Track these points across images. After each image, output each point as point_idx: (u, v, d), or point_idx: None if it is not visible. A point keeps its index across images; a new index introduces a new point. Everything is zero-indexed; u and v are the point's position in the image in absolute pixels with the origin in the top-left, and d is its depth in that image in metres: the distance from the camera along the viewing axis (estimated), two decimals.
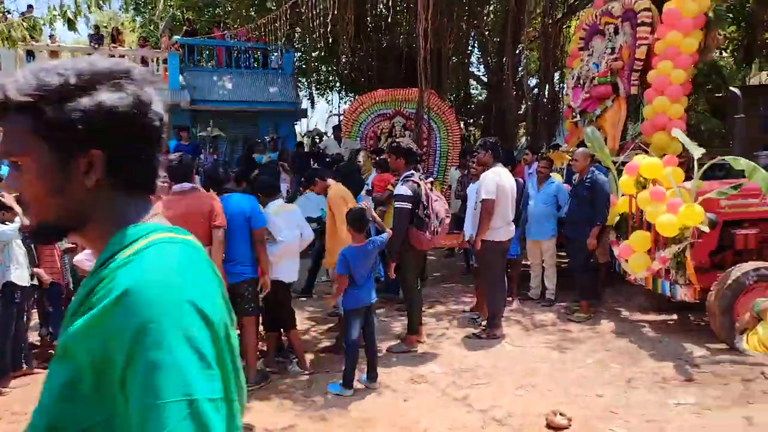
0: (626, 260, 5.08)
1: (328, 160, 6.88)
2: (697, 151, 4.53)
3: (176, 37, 13.88)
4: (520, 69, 14.66)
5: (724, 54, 12.41)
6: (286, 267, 4.17)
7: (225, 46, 14.23)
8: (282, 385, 4.18)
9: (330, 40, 14.48)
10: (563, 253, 6.41)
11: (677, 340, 4.71)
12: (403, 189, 4.54)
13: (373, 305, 4.09)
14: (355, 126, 10.66)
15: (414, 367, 4.43)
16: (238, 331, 4.14)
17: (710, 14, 5.57)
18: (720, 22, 5.67)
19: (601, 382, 4.01)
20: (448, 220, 4.59)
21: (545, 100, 11.00)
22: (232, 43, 14.15)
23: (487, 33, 15.10)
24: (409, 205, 4.48)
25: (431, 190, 4.70)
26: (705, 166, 4.54)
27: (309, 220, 4.97)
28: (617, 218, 5.47)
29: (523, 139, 14.58)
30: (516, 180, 6.20)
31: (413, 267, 4.71)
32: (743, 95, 11.16)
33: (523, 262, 6.68)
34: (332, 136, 11.01)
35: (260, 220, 3.90)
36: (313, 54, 18.41)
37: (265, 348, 4.54)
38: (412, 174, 4.71)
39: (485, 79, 15.42)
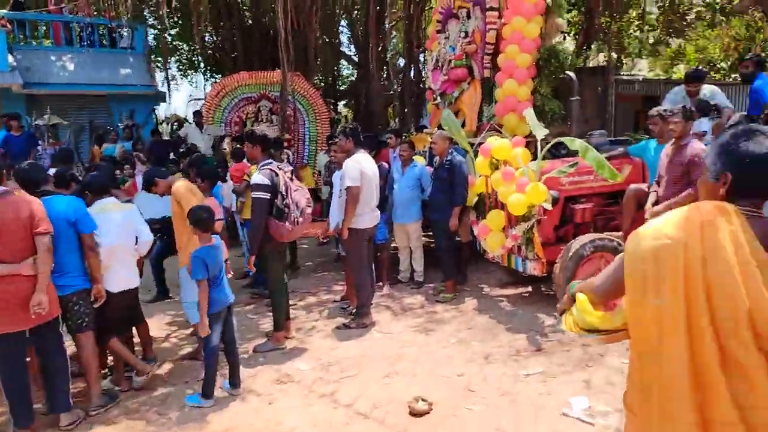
0: (484, 239, 5.30)
1: (181, 150, 6.39)
2: (540, 132, 4.81)
3: (1, 11, 12.08)
4: (389, 50, 14.83)
5: (568, 38, 13.49)
6: (114, 275, 3.76)
7: (63, 21, 12.66)
8: (133, 404, 3.81)
9: (184, 15, 13.54)
10: (431, 234, 6.59)
11: (531, 311, 5.04)
12: (259, 178, 4.31)
13: (232, 305, 3.86)
14: (218, 111, 10.07)
15: (281, 365, 4.28)
16: (74, 348, 3.69)
17: (549, 1, 5.92)
18: (558, 9, 6.03)
19: (462, 360, 4.16)
20: (309, 210, 4.44)
21: (411, 82, 11.18)
22: (71, 17, 12.59)
23: (355, 13, 15.02)
24: (266, 195, 4.27)
25: (291, 179, 4.52)
26: (546, 147, 4.84)
27: (153, 221, 4.56)
28: (476, 199, 5.69)
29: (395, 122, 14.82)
30: (381, 165, 6.24)
31: (275, 259, 4.51)
32: (583, 77, 12.24)
33: (393, 246, 6.78)
34: (193, 123, 10.31)
35: (88, 224, 3.46)
36: (171, 32, 17.12)
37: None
38: (270, 162, 4.49)
39: (357, 60, 15.41)
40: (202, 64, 18.03)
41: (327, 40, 14.24)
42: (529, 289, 5.75)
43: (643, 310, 1.48)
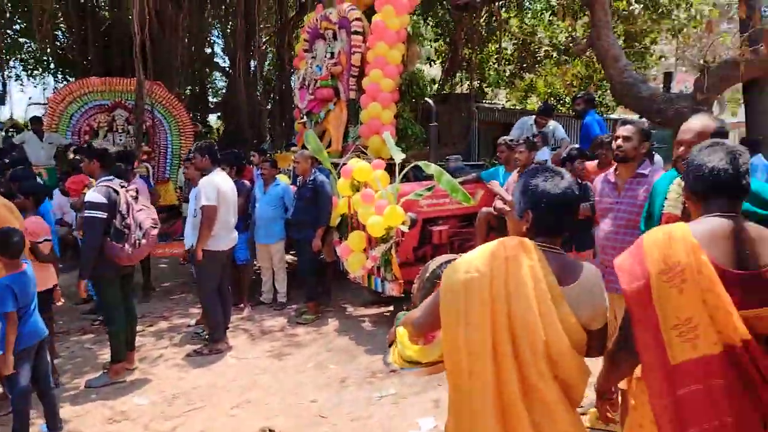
0: (346, 259, 5.29)
1: (5, 161, 5.62)
2: (398, 155, 4.94)
3: None
4: (266, 65, 14.53)
5: (435, 65, 14.25)
6: None
7: None
8: None
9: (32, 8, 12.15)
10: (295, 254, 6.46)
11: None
12: (93, 196, 3.90)
13: (46, 338, 3.40)
14: (64, 118, 9.10)
15: (116, 401, 3.87)
16: None
17: (409, 30, 6.16)
18: (418, 39, 6.29)
19: (317, 385, 4.06)
20: (155, 231, 4.10)
21: (282, 99, 11.02)
22: None
23: (229, 24, 14.54)
24: (101, 214, 3.86)
25: (135, 197, 4.16)
26: (404, 170, 4.98)
27: None
28: (339, 219, 5.69)
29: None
30: (242, 183, 6.01)
31: (112, 285, 4.08)
32: (451, 103, 12.95)
33: (256, 267, 6.54)
34: (31, 129, 9.18)
35: None
36: (16, 26, 15.33)
37: None
38: (111, 179, 4.09)
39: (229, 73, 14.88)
40: (52, 66, 16.28)
41: (194, 49, 13.60)
42: (391, 308, 5.84)
43: (456, 342, 1.51)
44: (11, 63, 17.42)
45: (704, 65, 6.46)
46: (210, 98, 20.60)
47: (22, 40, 16.47)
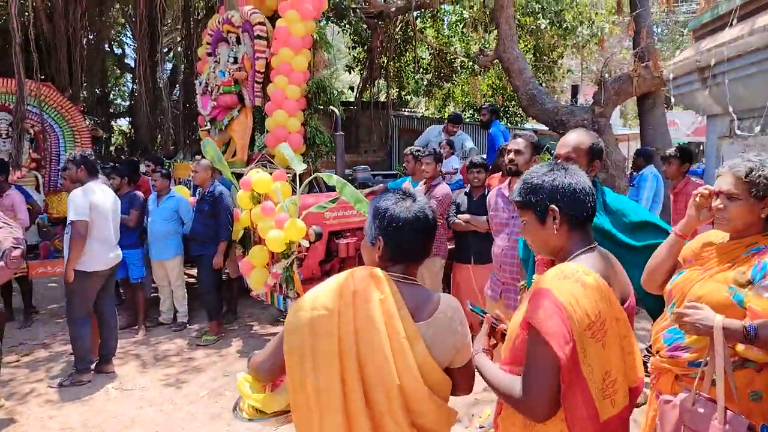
0: (248, 276, 5.00)
1: None
2: (299, 166, 4.72)
3: None
4: (169, 68, 13.77)
5: (353, 72, 14.16)
6: None
7: None
8: None
9: None
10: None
11: None
12: None
13: None
14: None
15: None
16: None
17: (316, 36, 5.97)
18: (325, 45, 6.12)
19: (207, 417, 3.75)
20: (18, 252, 3.62)
21: (187, 105, 10.47)
22: None
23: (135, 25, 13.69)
24: None
25: None
26: (306, 182, 4.76)
27: None
28: (241, 232, 5.38)
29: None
30: (134, 194, 5.56)
31: None
32: (370, 111, 12.87)
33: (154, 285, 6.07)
34: None
35: None
36: None
37: None
38: None
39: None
40: None
41: (97, 48, 12.70)
42: None
43: (303, 390, 1.32)
44: None
45: (602, 79, 6.74)
46: (120, 101, 19.45)
47: None
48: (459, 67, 13.70)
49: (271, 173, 4.90)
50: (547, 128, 7.33)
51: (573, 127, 6.71)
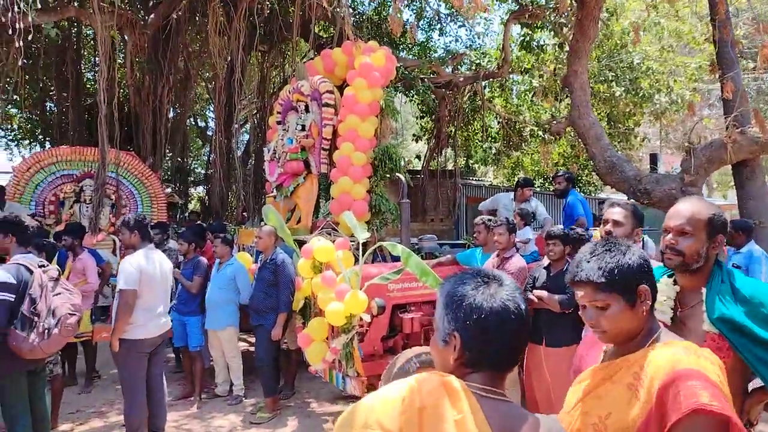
0: (306, 349, 4.70)
1: None
2: (362, 234, 4.49)
3: None
4: (244, 139, 14.45)
5: (421, 141, 14.21)
6: None
7: None
8: None
9: (26, 81, 12.14)
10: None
11: None
12: (1, 274, 3.37)
13: None
14: (28, 188, 8.69)
15: None
16: None
17: (382, 103, 5.93)
18: (392, 112, 6.05)
19: None
20: (74, 319, 3.53)
21: (257, 173, 10.75)
22: None
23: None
24: (9, 296, 3.32)
25: (56, 278, 3.62)
26: (369, 251, 4.51)
27: None
28: (302, 302, 5.15)
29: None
30: (199, 260, 5.52)
31: (15, 383, 3.45)
32: (437, 179, 12.74)
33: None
34: None
35: None
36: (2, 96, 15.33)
37: None
38: (28, 255, 3.58)
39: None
40: (41, 135, 16.15)
41: (180, 121, 13.51)
42: None
43: None
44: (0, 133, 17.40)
45: (690, 146, 6.22)
46: (200, 170, 20.55)
47: (13, 110, 16.52)
48: (528, 136, 13.43)
49: (333, 241, 4.70)
50: (628, 198, 6.80)
51: (659, 197, 6.19)
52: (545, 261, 4.29)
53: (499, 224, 4.29)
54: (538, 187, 13.91)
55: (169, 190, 12.20)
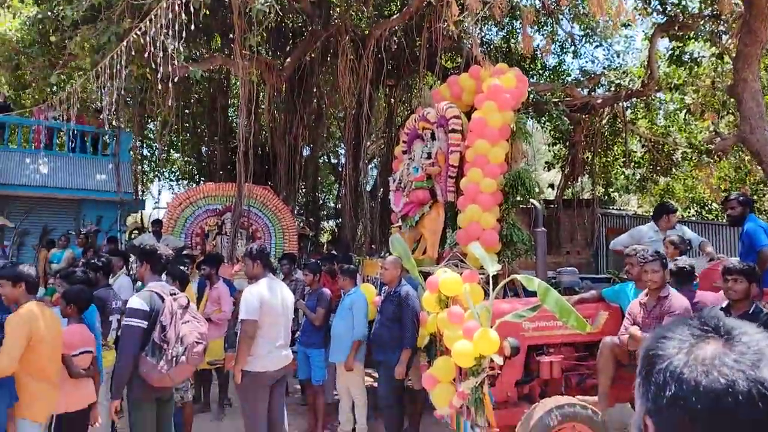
0: (431, 391, 4.33)
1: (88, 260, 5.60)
2: (492, 267, 4.05)
3: None
4: (372, 171, 14.71)
5: (554, 170, 13.36)
6: None
7: (48, 126, 12.59)
8: None
9: (184, 129, 13.64)
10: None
11: None
12: (135, 301, 3.47)
13: None
14: (180, 221, 9.50)
15: None
16: None
17: (513, 127, 5.50)
18: (523, 135, 5.59)
19: None
20: (200, 348, 3.53)
21: (382, 204, 10.75)
22: (55, 124, 12.53)
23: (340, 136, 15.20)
24: (141, 323, 3.40)
25: (185, 306, 3.67)
26: (500, 285, 4.05)
27: None
28: (427, 339, 4.80)
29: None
30: (322, 291, 5.44)
31: (142, 409, 3.49)
32: (573, 209, 11.81)
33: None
34: (151, 232, 9.70)
35: None
36: (161, 143, 17.39)
37: None
38: (162, 283, 3.69)
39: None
40: (196, 175, 18.01)
41: (310, 156, 14.17)
42: None
43: None
44: (165, 174, 19.79)
45: None
46: (331, 204, 21.47)
47: (176, 155, 18.72)
48: (680, 159, 12.00)
49: (461, 273, 4.32)
50: None
51: None
52: (722, 301, 3.52)
53: (652, 259, 3.61)
54: (693, 215, 12.30)
55: (300, 223, 12.73)
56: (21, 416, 3.20)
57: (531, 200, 5.13)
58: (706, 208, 12.92)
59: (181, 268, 4.61)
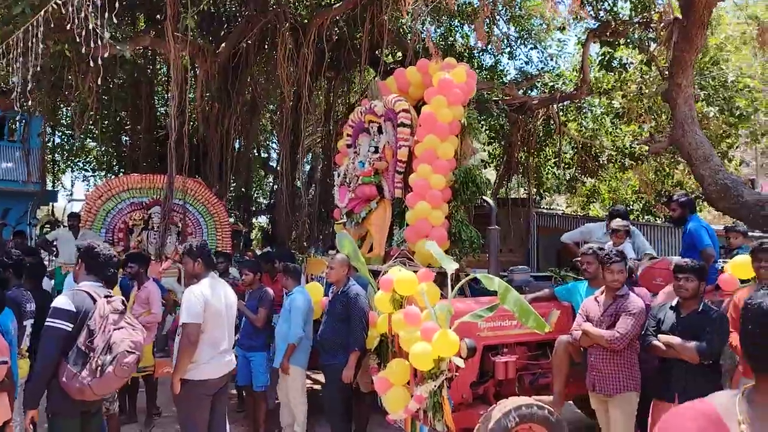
0: (383, 395, 4.15)
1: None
2: (450, 265, 3.93)
3: None
4: (309, 166, 14.34)
5: (489, 168, 13.59)
6: None
7: None
8: None
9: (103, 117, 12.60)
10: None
11: None
12: (62, 300, 3.05)
13: None
14: (99, 215, 8.72)
15: None
16: None
17: (464, 122, 5.42)
18: (473, 131, 5.53)
19: None
20: (132, 358, 3.12)
21: (323, 200, 10.45)
22: None
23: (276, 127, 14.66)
24: (66, 325, 2.98)
25: (121, 311, 3.25)
26: (459, 284, 3.93)
27: None
28: (377, 340, 4.61)
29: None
30: (264, 290, 5.12)
31: (66, 425, 3.06)
32: (507, 208, 12.05)
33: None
34: (67, 226, 8.87)
35: None
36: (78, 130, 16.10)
37: None
38: (97, 284, 3.26)
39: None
40: (116, 165, 16.77)
41: (245, 150, 13.56)
42: None
43: None
44: (80, 164, 18.28)
45: None
46: (262, 200, 20.77)
47: (92, 144, 17.32)
48: (606, 162, 12.55)
49: (415, 272, 4.17)
50: (745, 225, 5.90)
51: None
52: (672, 299, 3.58)
53: (618, 260, 3.63)
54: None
55: (232, 219, 12.16)
56: None
57: (483, 198, 5.07)
58: (629, 209, 13.60)
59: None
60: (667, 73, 9.37)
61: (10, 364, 3.26)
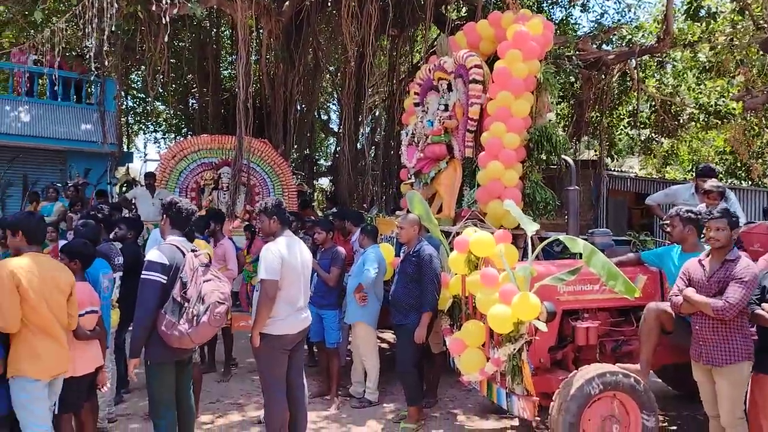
0: (458, 356, 4.11)
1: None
2: (530, 226, 3.78)
3: None
4: (371, 125, 14.23)
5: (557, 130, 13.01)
6: None
7: (30, 72, 11.80)
8: None
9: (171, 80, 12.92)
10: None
11: None
12: (155, 254, 3.17)
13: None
14: (173, 175, 9.04)
15: None
16: None
17: (540, 77, 5.13)
18: (550, 87, 5.24)
19: None
20: (223, 308, 3.21)
21: (386, 161, 10.36)
22: (35, 69, 11.75)
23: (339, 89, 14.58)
24: (161, 278, 3.11)
25: (207, 264, 3.34)
26: (540, 245, 3.78)
27: None
28: (450, 302, 4.55)
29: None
30: (336, 250, 5.14)
31: (162, 371, 3.23)
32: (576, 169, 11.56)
33: None
34: (144, 185, 9.25)
35: None
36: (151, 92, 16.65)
37: None
38: (182, 238, 3.36)
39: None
40: (185, 128, 17.30)
41: (307, 112, 13.61)
42: (515, 422, 4.50)
43: None
44: (151, 127, 19.00)
45: None
46: (323, 161, 20.98)
47: (161, 107, 17.91)
48: (687, 121, 11.73)
49: (492, 233, 4.04)
50: None
51: None
52: None
53: (718, 216, 3.32)
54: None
55: (297, 180, 12.32)
56: (20, 374, 2.89)
57: (563, 157, 4.83)
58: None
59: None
60: (762, 22, 8.54)
61: (101, 314, 3.45)
